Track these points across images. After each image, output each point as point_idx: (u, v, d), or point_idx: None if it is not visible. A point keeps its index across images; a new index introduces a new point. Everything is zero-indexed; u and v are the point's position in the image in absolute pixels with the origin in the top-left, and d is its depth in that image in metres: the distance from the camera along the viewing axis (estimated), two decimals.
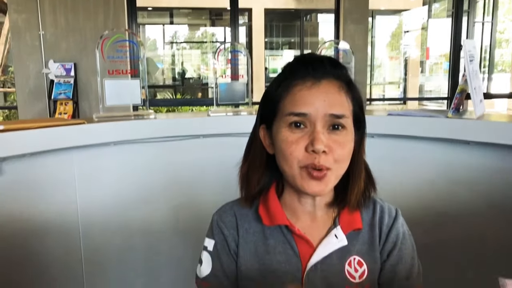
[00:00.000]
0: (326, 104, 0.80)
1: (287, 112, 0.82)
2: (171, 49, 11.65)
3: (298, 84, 0.82)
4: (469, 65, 1.52)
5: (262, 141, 0.89)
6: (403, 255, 0.92)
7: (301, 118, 0.81)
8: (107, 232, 1.75)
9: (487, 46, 10.00)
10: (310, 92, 0.81)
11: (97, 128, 1.65)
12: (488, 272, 0.81)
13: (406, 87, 11.44)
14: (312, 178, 0.80)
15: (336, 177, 0.84)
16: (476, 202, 1.65)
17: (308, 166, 0.80)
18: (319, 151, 0.79)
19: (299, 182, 0.82)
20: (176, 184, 1.85)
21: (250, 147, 0.92)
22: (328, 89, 0.82)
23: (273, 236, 0.89)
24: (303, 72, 0.83)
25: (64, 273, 1.68)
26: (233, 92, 2.01)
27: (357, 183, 0.87)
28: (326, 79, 0.82)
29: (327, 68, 0.83)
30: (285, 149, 0.82)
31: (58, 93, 4.61)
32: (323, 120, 0.80)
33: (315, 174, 0.80)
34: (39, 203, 1.58)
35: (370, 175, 0.92)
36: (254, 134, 0.91)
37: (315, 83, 0.82)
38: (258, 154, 0.90)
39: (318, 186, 0.81)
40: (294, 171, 0.82)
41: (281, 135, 0.83)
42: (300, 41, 9.75)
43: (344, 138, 0.82)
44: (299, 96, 0.81)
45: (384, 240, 0.91)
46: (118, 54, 1.83)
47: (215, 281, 0.91)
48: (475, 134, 1.56)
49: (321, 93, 0.81)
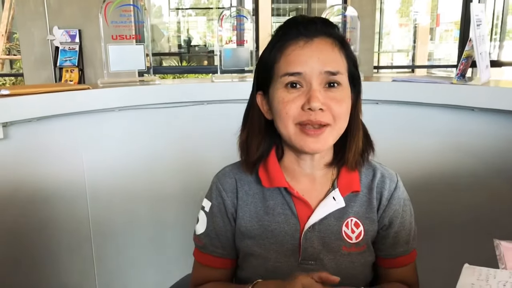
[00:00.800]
0: (320, 62, 0.81)
1: (282, 73, 0.82)
2: (177, 16, 11.48)
3: (291, 44, 0.83)
4: (476, 29, 1.50)
5: (260, 107, 0.90)
6: (405, 221, 0.94)
7: (297, 78, 0.81)
8: (113, 196, 1.78)
9: (499, 12, 9.75)
10: (303, 51, 0.82)
11: (101, 93, 1.66)
12: (492, 238, 0.82)
13: (414, 55, 11.25)
14: (308, 136, 0.81)
15: (336, 134, 0.85)
16: (480, 168, 1.65)
17: (303, 122, 0.81)
18: (315, 108, 0.80)
19: (296, 141, 0.83)
20: (180, 150, 1.87)
21: (248, 114, 0.93)
22: (321, 47, 0.82)
23: (273, 197, 0.91)
24: (295, 33, 0.83)
25: (73, 237, 1.72)
26: (237, 58, 2.00)
27: (354, 141, 0.88)
28: (318, 37, 0.83)
29: (319, 27, 0.83)
30: (281, 109, 0.82)
31: (63, 60, 4.62)
32: (318, 78, 0.81)
33: (311, 132, 0.81)
34: (46, 168, 1.60)
35: (368, 136, 0.93)
36: (251, 101, 0.92)
37: (308, 42, 0.82)
38: (257, 121, 0.91)
39: (316, 143, 0.82)
40: (290, 130, 0.83)
41: (277, 96, 0.84)
42: (307, 7, 9.55)
43: (341, 94, 0.83)
44: (293, 56, 0.82)
45: (385, 206, 0.92)
46: (121, 19, 1.81)
47: (207, 239, 0.96)
48: (480, 101, 1.54)
49: (314, 51, 0.81)
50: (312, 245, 0.89)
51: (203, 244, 0.96)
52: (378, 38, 10.84)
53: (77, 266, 1.76)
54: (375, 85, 1.76)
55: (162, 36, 10.93)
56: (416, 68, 10.36)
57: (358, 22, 1.97)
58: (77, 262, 1.76)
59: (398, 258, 0.95)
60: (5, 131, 1.45)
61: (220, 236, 0.95)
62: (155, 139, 1.83)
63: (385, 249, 0.95)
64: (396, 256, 0.95)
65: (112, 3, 1.78)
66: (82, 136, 1.68)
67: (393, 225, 0.93)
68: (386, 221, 0.93)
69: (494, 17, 9.67)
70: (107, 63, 1.78)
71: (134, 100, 1.73)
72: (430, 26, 11.65)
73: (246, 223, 0.92)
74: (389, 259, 0.96)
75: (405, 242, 0.95)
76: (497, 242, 0.80)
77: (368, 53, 5.43)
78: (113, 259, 1.85)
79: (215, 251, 0.96)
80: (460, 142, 1.67)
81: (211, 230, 0.95)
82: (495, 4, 9.49)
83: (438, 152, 1.72)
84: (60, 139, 1.63)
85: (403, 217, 0.94)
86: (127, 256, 1.88)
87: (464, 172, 1.68)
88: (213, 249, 0.96)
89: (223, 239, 0.95)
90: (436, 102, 1.64)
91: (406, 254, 0.96)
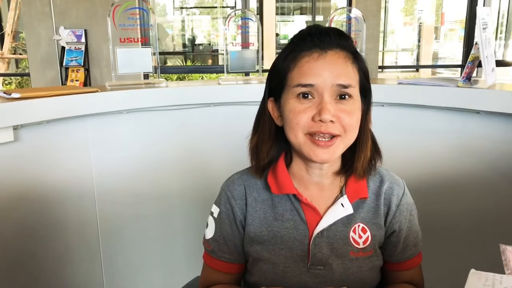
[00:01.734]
0: (333, 75, 0.82)
1: (295, 84, 0.84)
2: (181, 14, 11.50)
3: (305, 56, 0.84)
4: (482, 33, 1.50)
5: (271, 114, 0.91)
6: (413, 226, 0.97)
7: (309, 89, 0.83)
8: (121, 197, 1.80)
9: (505, 11, 9.70)
10: (317, 63, 0.83)
11: (110, 96, 1.68)
12: (498, 242, 0.83)
13: (419, 54, 11.22)
14: (318, 146, 0.83)
15: (345, 145, 0.86)
16: (485, 172, 1.65)
17: (313, 133, 0.83)
18: (326, 120, 0.81)
19: (305, 151, 0.85)
20: (187, 152, 1.88)
21: (260, 120, 0.94)
22: (335, 60, 0.83)
23: (282, 204, 0.93)
24: (309, 44, 0.84)
25: (81, 237, 1.75)
26: (243, 61, 2.02)
27: (363, 151, 0.90)
28: (332, 50, 0.84)
29: (333, 39, 0.84)
30: (292, 118, 0.84)
31: (69, 60, 4.64)
32: (330, 91, 0.82)
33: (322, 143, 0.83)
34: (56, 169, 1.62)
35: (376, 144, 0.95)
36: (263, 106, 0.93)
37: (322, 54, 0.83)
38: (267, 126, 0.92)
39: (325, 153, 0.84)
40: (300, 139, 0.85)
41: (289, 105, 0.85)
42: (312, 6, 9.54)
43: (351, 107, 0.84)
44: (307, 68, 0.83)
45: (394, 211, 0.94)
46: (129, 22, 1.83)
47: (215, 245, 0.97)
48: (485, 104, 1.54)
49: (327, 64, 0.83)
50: (321, 251, 0.90)
51: (212, 249, 0.98)
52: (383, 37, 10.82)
53: (85, 266, 1.78)
54: (381, 88, 1.77)
55: (167, 35, 10.96)
56: (421, 68, 10.33)
57: (364, 24, 1.98)
58: (85, 262, 1.78)
59: (407, 261, 0.97)
60: (16, 133, 1.48)
61: (227, 242, 0.96)
62: (162, 140, 1.85)
63: (396, 254, 0.97)
64: (406, 259, 0.97)
65: (120, 6, 1.80)
66: (90, 138, 1.70)
67: (402, 231, 0.95)
68: (396, 227, 0.94)
69: (500, 16, 9.62)
70: (115, 66, 1.80)
71: (142, 102, 1.75)
72: (435, 24, 11.61)
73: (256, 229, 0.93)
74: (400, 263, 0.98)
75: (414, 245, 0.97)
76: (503, 247, 0.81)
77: (373, 53, 5.42)
78: (120, 260, 1.87)
79: (223, 256, 0.97)
80: (465, 144, 1.67)
81: (219, 235, 0.97)
82: (500, 3, 9.45)
83: (443, 155, 1.72)
84: (69, 141, 1.65)
85: (411, 222, 0.96)
86: (135, 256, 1.90)
87: (469, 174, 1.68)
88: (221, 254, 0.97)
89: (231, 245, 0.97)
90: (442, 105, 1.65)
91: (414, 257, 0.98)
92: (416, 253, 0.98)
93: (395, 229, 0.94)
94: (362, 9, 5.46)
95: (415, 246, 0.98)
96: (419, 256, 0.99)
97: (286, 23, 11.75)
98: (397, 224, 0.94)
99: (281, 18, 11.31)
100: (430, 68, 10.56)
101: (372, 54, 5.39)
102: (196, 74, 7.43)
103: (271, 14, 10.19)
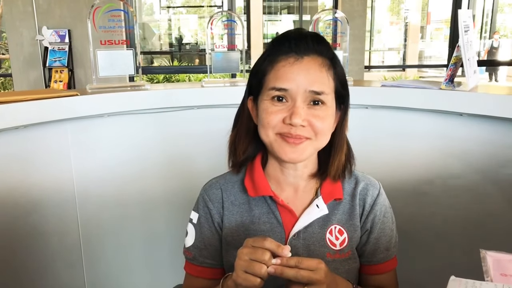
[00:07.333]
0: (307, 81, 0.84)
1: (270, 87, 0.86)
2: (168, 13, 11.44)
3: (281, 60, 0.86)
4: (464, 35, 1.51)
5: (250, 112, 0.94)
6: (385, 228, 0.97)
7: (283, 93, 0.85)
8: (103, 202, 1.77)
9: (489, 10, 9.83)
10: (292, 68, 0.84)
11: (90, 99, 1.65)
12: (479, 244, 0.83)
13: (405, 54, 11.31)
14: (287, 143, 0.85)
15: (315, 148, 0.89)
16: (468, 174, 1.66)
17: (283, 134, 0.85)
18: (296, 124, 0.83)
19: (276, 149, 0.87)
20: (170, 155, 1.86)
21: (239, 117, 0.97)
22: (310, 66, 0.85)
23: (258, 207, 0.94)
24: (286, 48, 0.86)
25: (62, 244, 1.71)
26: (227, 62, 2.00)
27: (338, 155, 0.92)
28: (308, 56, 0.85)
29: (310, 45, 0.86)
30: (264, 118, 0.86)
31: (53, 61, 4.58)
32: (303, 96, 0.84)
33: (291, 140, 0.84)
34: (35, 175, 1.59)
35: (350, 149, 0.97)
36: (243, 104, 0.96)
37: (298, 60, 0.85)
38: (245, 124, 0.94)
39: (293, 153, 0.86)
40: (270, 138, 0.86)
41: (263, 105, 0.87)
42: (299, 5, 9.56)
43: (324, 113, 0.86)
44: (282, 72, 0.85)
45: (368, 211, 0.95)
46: (110, 24, 1.80)
47: (196, 251, 0.98)
48: (467, 106, 1.56)
49: (302, 70, 0.84)
50: (297, 253, 0.90)
51: (193, 256, 0.98)
52: (369, 36, 10.88)
53: (67, 272, 1.75)
54: (364, 90, 1.77)
55: (153, 35, 10.88)
56: (407, 67, 10.42)
57: (348, 26, 1.98)
58: (66, 267, 1.75)
59: (379, 265, 0.98)
60: None
61: (208, 246, 0.97)
62: (144, 144, 1.83)
63: (366, 255, 0.98)
64: (376, 262, 0.98)
65: (101, 8, 1.77)
66: (71, 142, 1.67)
67: (374, 230, 0.96)
68: (368, 226, 0.96)
69: (484, 15, 9.75)
70: (95, 68, 1.77)
71: (123, 106, 1.72)
72: (421, 24, 11.72)
73: (233, 233, 0.94)
74: (370, 266, 0.98)
75: (385, 249, 0.98)
76: (483, 254, 0.81)
77: (359, 53, 5.45)
78: (102, 265, 1.84)
79: (205, 261, 0.98)
80: (448, 146, 1.68)
81: (199, 241, 0.97)
82: (484, 2, 9.57)
83: (427, 156, 1.73)
84: (48, 146, 1.62)
85: (384, 223, 0.97)
86: (117, 261, 1.87)
87: (451, 176, 1.69)
88: (202, 259, 0.98)
89: (212, 249, 0.97)
90: (425, 107, 1.65)
91: (386, 261, 0.98)
92: (388, 258, 0.98)
93: (367, 228, 0.96)
94: (348, 8, 5.50)
95: (387, 250, 0.98)
96: (391, 262, 0.99)
97: (273, 23, 11.76)
98: (369, 223, 0.96)
99: (268, 17, 11.31)
100: (417, 67, 10.65)
101: (358, 54, 5.41)
102: (182, 75, 7.39)
103: (258, 14, 10.18)
